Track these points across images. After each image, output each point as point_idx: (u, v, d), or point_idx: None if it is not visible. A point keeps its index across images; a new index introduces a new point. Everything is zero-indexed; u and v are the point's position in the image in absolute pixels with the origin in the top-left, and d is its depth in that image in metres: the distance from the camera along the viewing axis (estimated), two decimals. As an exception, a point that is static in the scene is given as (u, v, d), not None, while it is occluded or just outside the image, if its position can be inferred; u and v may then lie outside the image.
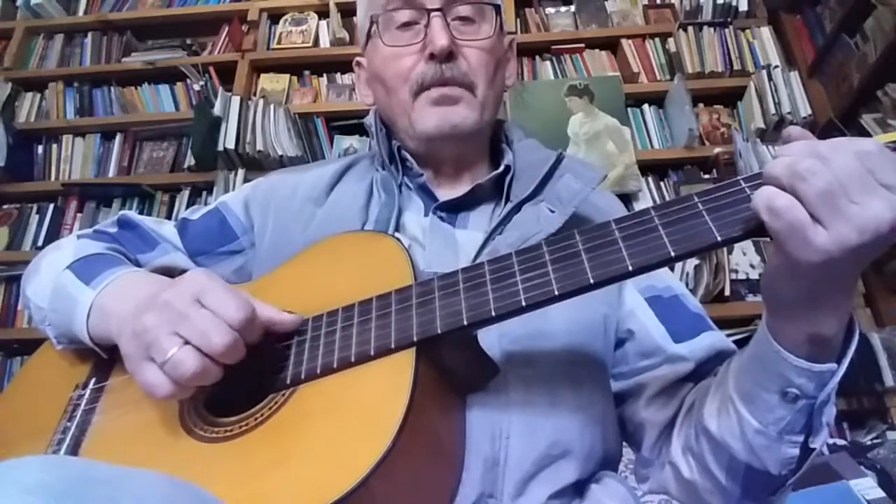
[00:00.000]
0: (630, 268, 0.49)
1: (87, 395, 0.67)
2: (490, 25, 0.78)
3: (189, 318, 0.53)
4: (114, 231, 0.82)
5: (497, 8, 0.80)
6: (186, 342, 0.52)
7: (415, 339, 0.54)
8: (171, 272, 0.72)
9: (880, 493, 1.40)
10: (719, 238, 0.47)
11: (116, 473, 0.35)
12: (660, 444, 0.68)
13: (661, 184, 2.20)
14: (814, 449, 0.54)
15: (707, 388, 0.63)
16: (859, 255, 0.43)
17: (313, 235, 0.73)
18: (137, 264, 0.78)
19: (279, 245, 0.76)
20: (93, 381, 0.69)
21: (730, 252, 1.99)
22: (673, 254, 0.48)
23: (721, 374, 0.61)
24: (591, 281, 0.50)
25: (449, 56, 0.74)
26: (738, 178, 0.48)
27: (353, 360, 0.55)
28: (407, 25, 0.77)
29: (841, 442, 1.76)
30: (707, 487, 0.62)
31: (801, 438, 0.53)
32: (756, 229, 0.46)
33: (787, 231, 0.43)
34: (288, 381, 0.58)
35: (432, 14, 0.74)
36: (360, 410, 0.52)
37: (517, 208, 0.75)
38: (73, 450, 0.62)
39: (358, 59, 0.88)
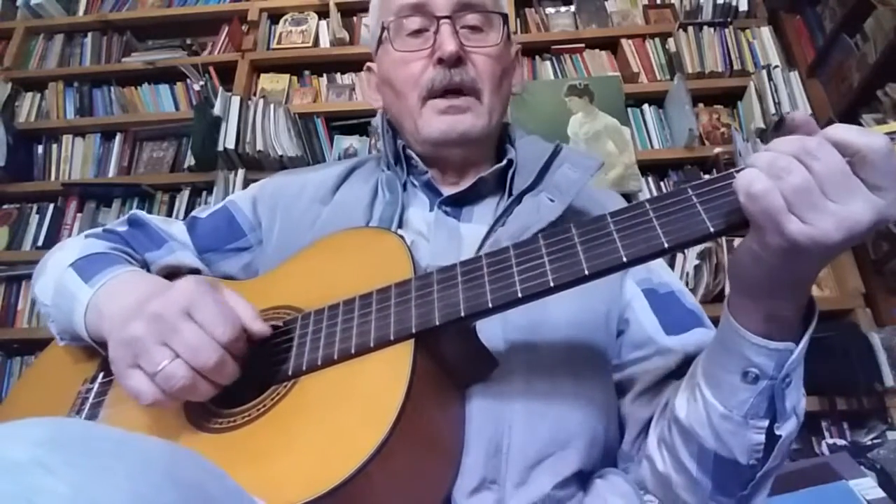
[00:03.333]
0: (624, 259, 0.50)
1: (95, 389, 0.69)
2: (497, 34, 0.81)
3: (179, 331, 0.53)
4: (123, 230, 0.83)
5: (504, 17, 0.82)
6: (177, 355, 0.53)
7: (413, 330, 0.55)
8: (178, 272, 0.73)
9: (880, 493, 1.39)
10: (712, 229, 0.47)
11: (118, 433, 0.36)
12: (640, 440, 0.69)
13: (662, 184, 2.20)
14: (780, 436, 0.54)
15: (682, 382, 0.63)
16: (829, 250, 0.43)
17: (319, 234, 0.75)
18: (145, 263, 0.79)
19: (286, 243, 0.78)
20: (101, 375, 0.70)
21: (730, 252, 1.99)
22: (666, 245, 0.49)
23: (693, 365, 0.62)
24: (586, 272, 0.51)
25: (457, 62, 0.76)
26: (732, 170, 0.49)
27: (353, 351, 0.56)
28: (417, 33, 0.79)
29: (841, 442, 1.76)
30: (679, 482, 0.62)
31: (765, 423, 0.54)
32: (746, 221, 0.46)
33: (761, 215, 0.44)
34: (290, 373, 0.59)
35: (441, 21, 0.76)
36: (359, 400, 0.53)
37: (518, 200, 0.77)
38: None
39: (368, 63, 0.91)
